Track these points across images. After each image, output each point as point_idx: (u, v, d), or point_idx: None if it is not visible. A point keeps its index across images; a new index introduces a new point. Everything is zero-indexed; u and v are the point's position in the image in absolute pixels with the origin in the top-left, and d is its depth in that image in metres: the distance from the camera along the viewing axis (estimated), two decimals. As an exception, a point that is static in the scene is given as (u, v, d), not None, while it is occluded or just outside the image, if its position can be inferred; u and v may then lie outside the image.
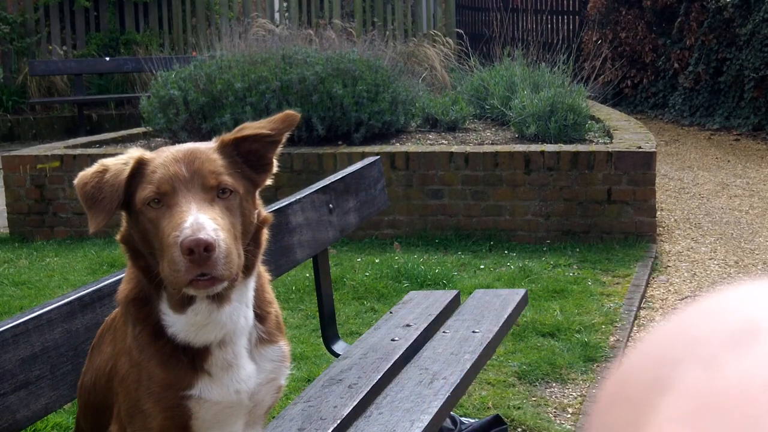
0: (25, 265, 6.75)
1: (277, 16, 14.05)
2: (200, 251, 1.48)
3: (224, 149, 1.67)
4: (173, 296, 1.63)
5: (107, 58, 13.10)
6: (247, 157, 1.69)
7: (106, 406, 1.78)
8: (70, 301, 2.06)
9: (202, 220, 1.51)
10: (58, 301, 2.05)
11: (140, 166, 1.62)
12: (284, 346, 1.80)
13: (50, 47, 13.88)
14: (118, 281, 2.18)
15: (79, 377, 1.93)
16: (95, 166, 1.64)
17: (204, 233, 1.49)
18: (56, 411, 2.26)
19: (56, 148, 8.14)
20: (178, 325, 1.66)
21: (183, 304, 1.64)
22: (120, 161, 1.63)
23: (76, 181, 1.64)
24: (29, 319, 1.96)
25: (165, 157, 1.62)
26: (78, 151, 7.76)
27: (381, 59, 7.95)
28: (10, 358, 1.90)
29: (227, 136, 1.69)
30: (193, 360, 1.67)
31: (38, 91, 13.48)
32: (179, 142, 7.46)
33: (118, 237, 1.69)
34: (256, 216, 1.69)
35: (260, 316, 1.76)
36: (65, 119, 13.43)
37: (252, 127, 1.71)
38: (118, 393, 1.72)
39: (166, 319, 1.66)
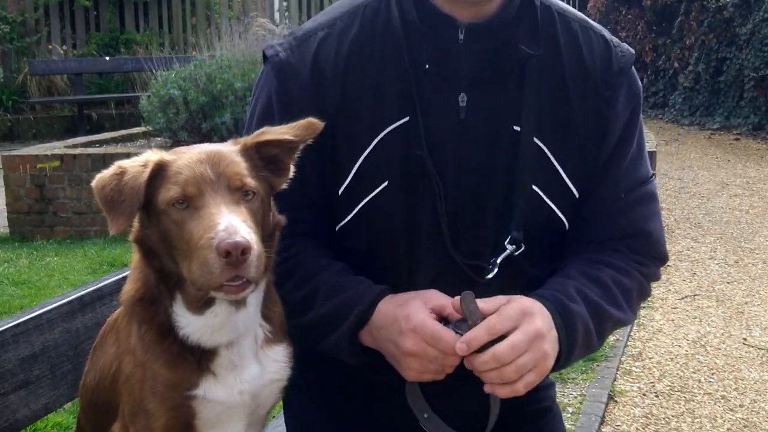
0: (25, 264, 6.75)
1: (277, 15, 14.06)
2: (238, 254, 1.48)
3: (246, 152, 1.67)
4: (194, 298, 1.63)
5: (107, 58, 13.11)
6: (266, 160, 1.69)
7: (109, 406, 1.78)
8: (70, 301, 2.06)
9: (235, 223, 1.51)
10: (58, 301, 2.05)
11: (160, 167, 1.61)
12: (287, 346, 1.80)
13: (50, 47, 13.88)
14: (118, 281, 2.18)
15: (79, 377, 1.93)
16: (112, 168, 1.62)
17: (240, 236, 1.49)
18: (56, 410, 2.26)
19: (56, 147, 8.14)
20: (194, 326, 1.65)
21: (202, 305, 1.64)
22: (137, 163, 1.61)
23: (93, 184, 1.62)
24: (29, 318, 1.95)
25: (188, 158, 1.60)
26: (78, 151, 7.76)
27: (381, 59, 7.93)
28: (10, 358, 1.89)
29: (249, 139, 1.68)
30: (199, 360, 1.67)
31: (38, 91, 13.48)
32: (179, 142, 7.37)
33: (130, 237, 1.67)
34: (271, 218, 1.70)
35: (267, 316, 1.76)
36: (65, 119, 13.43)
37: (274, 132, 1.70)
38: (122, 393, 1.72)
39: (180, 321, 1.65)
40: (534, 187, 1.69)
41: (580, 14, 1.82)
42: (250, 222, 1.57)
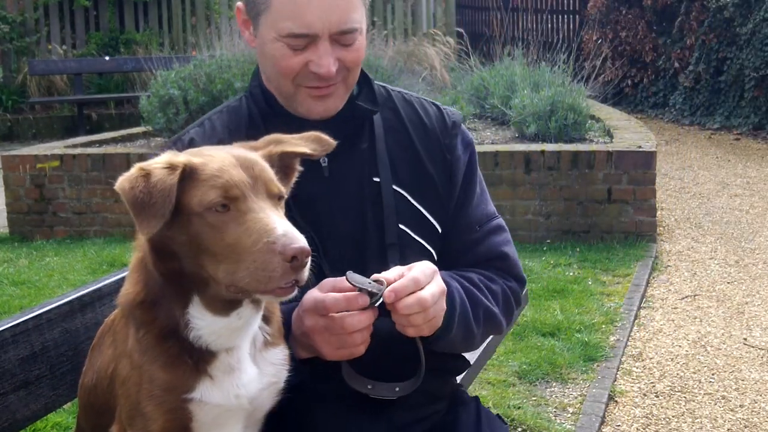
0: (24, 264, 6.75)
1: (277, 15, 14.04)
2: (303, 258, 1.52)
3: (269, 159, 1.69)
4: (218, 299, 1.62)
5: (107, 58, 13.10)
6: (278, 167, 1.71)
7: (107, 407, 1.78)
8: (70, 301, 2.06)
9: (291, 228, 1.54)
10: (58, 301, 2.05)
11: (187, 170, 1.59)
12: (285, 348, 1.80)
13: (50, 46, 13.88)
14: (118, 281, 2.17)
15: (79, 377, 1.93)
16: (135, 170, 1.59)
17: (303, 241, 1.52)
18: (56, 410, 2.26)
19: (56, 147, 8.14)
20: (212, 327, 1.65)
21: (229, 307, 1.64)
22: (161, 164, 1.59)
23: (119, 186, 1.58)
24: (29, 318, 1.95)
25: (221, 161, 1.60)
26: (78, 151, 7.75)
27: (381, 59, 7.95)
28: (9, 358, 1.89)
29: (273, 148, 1.72)
30: (196, 363, 1.66)
31: (38, 91, 13.47)
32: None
33: (146, 239, 1.65)
34: None
35: (267, 317, 1.76)
36: (65, 119, 13.43)
37: (291, 144, 1.75)
38: (119, 395, 1.71)
39: (196, 322, 1.64)
40: (401, 226, 1.99)
41: (413, 93, 2.23)
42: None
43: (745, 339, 5.08)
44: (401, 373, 1.94)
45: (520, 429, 3.95)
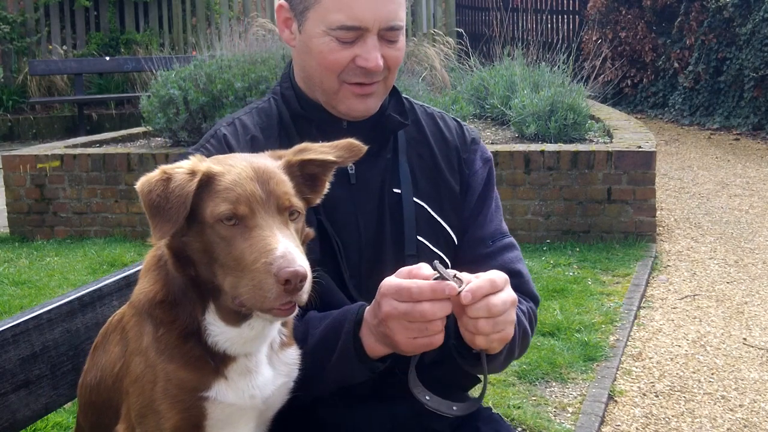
0: (25, 264, 6.75)
1: (277, 15, 14.04)
2: (297, 282, 1.50)
3: (289, 169, 1.68)
4: (230, 310, 1.63)
5: (107, 58, 13.11)
6: (305, 177, 1.70)
7: (109, 405, 1.78)
8: (70, 301, 2.06)
9: (291, 249, 1.52)
10: (58, 301, 2.05)
11: (207, 178, 1.59)
12: (297, 348, 1.81)
13: (50, 47, 13.88)
14: (118, 281, 2.18)
15: (79, 377, 1.93)
16: (157, 173, 1.59)
17: (298, 264, 1.50)
18: (56, 410, 2.27)
19: (56, 147, 8.14)
20: (226, 336, 1.66)
21: (239, 318, 1.65)
22: (183, 170, 1.59)
23: (139, 187, 1.59)
24: (29, 318, 1.95)
25: (237, 173, 1.60)
26: (78, 151, 7.76)
27: (381, 59, 7.92)
28: (10, 358, 1.90)
29: (293, 157, 1.70)
30: (217, 365, 1.67)
31: (38, 91, 13.48)
32: (179, 142, 7.33)
33: (165, 243, 1.64)
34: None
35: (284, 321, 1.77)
36: (65, 119, 13.43)
37: (316, 151, 1.72)
38: (129, 393, 1.71)
39: (211, 329, 1.66)
40: (420, 238, 2.02)
41: (435, 107, 2.25)
42: (298, 243, 1.58)
43: (745, 339, 5.09)
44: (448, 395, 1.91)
45: (520, 429, 3.95)
